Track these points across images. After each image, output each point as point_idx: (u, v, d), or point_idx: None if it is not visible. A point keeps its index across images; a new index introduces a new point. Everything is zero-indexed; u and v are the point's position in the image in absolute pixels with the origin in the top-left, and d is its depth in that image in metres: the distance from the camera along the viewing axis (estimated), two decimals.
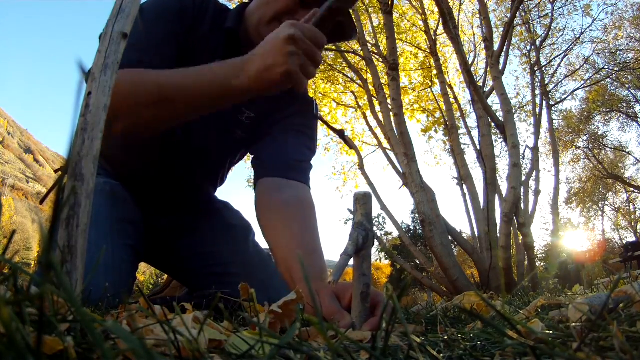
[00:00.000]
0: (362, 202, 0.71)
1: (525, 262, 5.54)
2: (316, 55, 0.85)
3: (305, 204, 1.08)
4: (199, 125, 1.16)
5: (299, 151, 1.17)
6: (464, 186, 7.01)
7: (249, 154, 1.35)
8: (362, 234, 0.68)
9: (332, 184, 10.86)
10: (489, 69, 5.81)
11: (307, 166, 1.18)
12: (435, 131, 8.36)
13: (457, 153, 6.90)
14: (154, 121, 0.93)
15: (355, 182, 9.17)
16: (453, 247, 6.41)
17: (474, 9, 8.80)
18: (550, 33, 10.20)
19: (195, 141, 1.19)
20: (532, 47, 10.23)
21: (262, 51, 0.85)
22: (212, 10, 1.14)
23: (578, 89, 12.13)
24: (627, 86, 13.70)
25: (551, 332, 0.46)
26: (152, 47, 1.01)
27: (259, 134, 1.22)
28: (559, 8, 10.16)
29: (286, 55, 0.82)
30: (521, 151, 5.35)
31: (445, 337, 0.50)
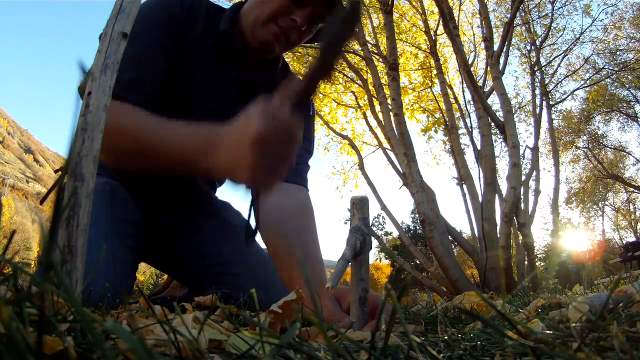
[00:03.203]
0: (359, 206, 0.71)
1: (525, 262, 5.54)
2: (288, 155, 0.73)
3: (304, 207, 1.08)
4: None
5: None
6: (464, 186, 7.01)
7: None
8: (360, 239, 0.68)
9: (332, 184, 10.83)
10: (489, 69, 5.81)
11: (305, 168, 1.18)
12: (435, 131, 8.38)
13: (457, 153, 6.90)
14: (128, 165, 0.94)
15: (355, 182, 9.17)
16: (453, 247, 6.41)
17: (474, 9, 8.80)
18: (550, 33, 10.21)
19: None
20: (532, 47, 10.24)
21: (230, 141, 0.73)
22: (204, 12, 1.12)
23: (578, 89, 12.15)
24: (627, 86, 13.70)
25: (551, 332, 0.46)
26: (140, 63, 0.99)
27: None
28: (559, 8, 10.17)
29: (251, 161, 0.69)
30: (521, 151, 5.35)
31: (445, 337, 0.50)
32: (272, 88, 1.19)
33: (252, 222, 1.00)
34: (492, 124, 5.01)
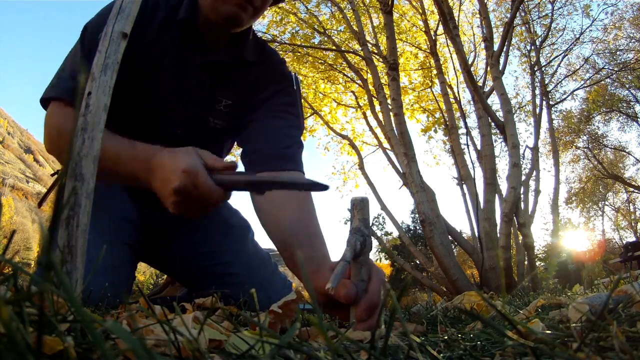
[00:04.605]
0: (360, 207, 0.71)
1: (525, 262, 5.54)
2: (202, 209, 0.82)
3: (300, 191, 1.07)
4: (174, 116, 1.14)
5: (286, 134, 1.14)
6: (464, 186, 7.01)
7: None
8: (360, 240, 0.68)
9: (332, 184, 10.82)
10: (489, 69, 5.81)
11: (297, 150, 1.15)
12: (435, 131, 8.37)
13: (457, 153, 6.90)
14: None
15: (355, 182, 9.17)
16: (453, 247, 6.41)
17: (474, 9, 8.80)
18: (550, 33, 10.20)
19: (174, 133, 1.17)
20: (532, 47, 10.24)
21: (159, 175, 0.83)
22: (163, 8, 1.12)
23: (578, 89, 12.14)
24: (627, 86, 13.70)
25: (551, 332, 0.46)
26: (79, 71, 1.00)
27: (242, 121, 1.19)
28: (559, 8, 10.17)
29: (171, 201, 0.81)
30: (521, 151, 5.35)
31: (445, 337, 0.50)
32: (245, 65, 1.18)
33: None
34: (492, 124, 5.01)
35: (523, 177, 6.12)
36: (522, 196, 6.32)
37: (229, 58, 1.15)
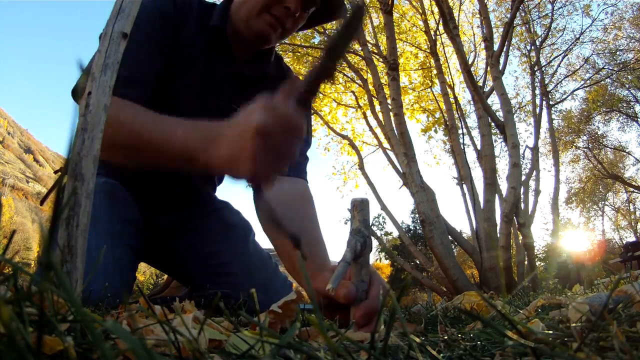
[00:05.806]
0: (360, 208, 0.71)
1: (525, 262, 5.54)
2: (290, 150, 0.70)
3: (303, 196, 1.08)
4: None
5: None
6: (464, 186, 7.01)
7: None
8: (360, 241, 0.68)
9: (332, 184, 10.88)
10: (489, 69, 5.81)
11: (303, 160, 1.17)
12: (435, 131, 8.39)
13: (457, 153, 6.90)
14: (124, 159, 0.90)
15: (356, 182, 9.18)
16: (453, 247, 6.41)
17: (474, 9, 8.81)
18: (550, 33, 10.22)
19: None
20: (532, 47, 10.26)
21: (231, 134, 0.71)
22: (196, 9, 1.13)
23: (578, 89, 12.17)
24: (627, 86, 13.71)
25: (551, 332, 0.46)
26: (134, 61, 0.98)
27: None
28: (559, 8, 10.19)
29: (252, 153, 0.67)
30: (521, 151, 5.35)
31: (445, 337, 0.50)
32: (266, 80, 1.19)
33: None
34: (492, 124, 5.01)
35: (523, 177, 6.13)
36: (522, 196, 6.33)
37: (253, 72, 1.17)
